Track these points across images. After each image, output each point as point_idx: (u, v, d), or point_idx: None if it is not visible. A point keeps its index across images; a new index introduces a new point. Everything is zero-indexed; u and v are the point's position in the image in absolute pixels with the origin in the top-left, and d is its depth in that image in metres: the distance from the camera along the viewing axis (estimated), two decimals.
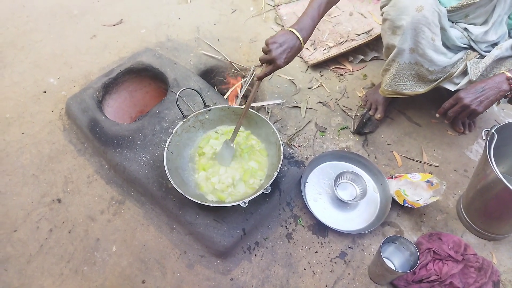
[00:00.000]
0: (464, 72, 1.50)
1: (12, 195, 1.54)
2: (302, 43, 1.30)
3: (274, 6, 2.41)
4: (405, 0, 1.37)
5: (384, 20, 1.47)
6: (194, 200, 1.28)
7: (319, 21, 1.37)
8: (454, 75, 1.51)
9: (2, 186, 1.56)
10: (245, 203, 1.27)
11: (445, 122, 1.40)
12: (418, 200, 1.46)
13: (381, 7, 1.48)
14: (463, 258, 1.39)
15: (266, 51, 1.30)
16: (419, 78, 1.57)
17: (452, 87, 1.55)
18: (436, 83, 1.55)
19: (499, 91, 1.29)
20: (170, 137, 1.42)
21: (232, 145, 1.45)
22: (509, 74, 1.29)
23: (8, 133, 1.72)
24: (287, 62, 1.32)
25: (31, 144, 1.69)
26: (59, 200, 1.53)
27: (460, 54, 1.51)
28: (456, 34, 1.48)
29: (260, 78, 1.35)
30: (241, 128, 1.54)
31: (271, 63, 1.31)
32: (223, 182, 1.44)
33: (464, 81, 1.50)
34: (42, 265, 1.38)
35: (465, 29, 1.47)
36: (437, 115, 1.40)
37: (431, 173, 1.62)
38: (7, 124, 1.75)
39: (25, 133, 1.72)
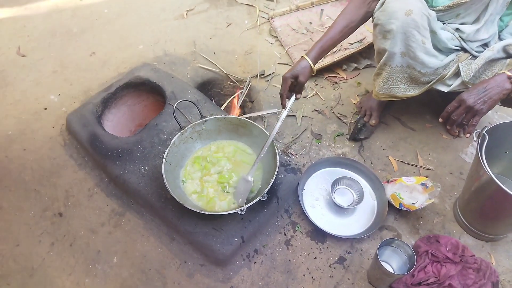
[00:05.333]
0: (457, 74, 1.53)
1: (14, 210, 1.57)
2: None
3: (268, 19, 2.46)
4: (394, 5, 1.41)
5: (375, 25, 1.50)
6: (192, 209, 1.31)
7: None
8: (446, 76, 1.54)
9: (4, 202, 1.59)
10: (242, 210, 1.30)
11: (447, 127, 1.41)
12: (414, 203, 1.47)
13: (372, 13, 1.52)
14: (461, 260, 1.39)
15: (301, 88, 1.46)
16: (412, 80, 1.59)
17: (445, 89, 1.58)
18: (429, 85, 1.58)
19: (502, 90, 1.31)
20: (168, 148, 1.45)
21: (250, 179, 1.42)
22: (509, 74, 1.31)
23: (10, 150, 1.75)
24: None
25: (33, 160, 1.72)
26: (60, 214, 1.56)
27: (451, 56, 1.54)
28: (447, 36, 1.51)
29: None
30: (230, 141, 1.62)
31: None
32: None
33: (456, 82, 1.53)
34: (45, 278, 1.40)
35: (457, 29, 1.50)
36: (440, 120, 1.40)
37: (426, 177, 1.64)
38: (9, 141, 1.79)
39: (27, 150, 1.76)
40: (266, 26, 2.45)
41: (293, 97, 1.46)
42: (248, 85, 2.05)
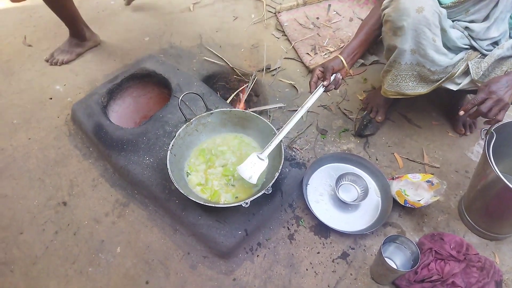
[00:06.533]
0: (466, 72, 1.52)
1: (18, 198, 1.57)
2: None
3: (275, 13, 2.45)
4: (406, 1, 1.40)
5: (386, 22, 1.49)
6: (197, 201, 1.30)
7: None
8: (456, 75, 1.52)
9: (9, 190, 1.59)
10: (246, 203, 1.29)
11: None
12: (419, 200, 1.47)
13: (382, 10, 1.51)
14: (465, 258, 1.39)
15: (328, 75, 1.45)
16: (421, 78, 1.58)
17: (454, 87, 1.56)
18: (438, 83, 1.57)
19: None
20: (173, 140, 1.44)
21: (264, 158, 1.38)
22: None
23: (15, 139, 1.76)
24: None
25: (38, 149, 1.72)
26: (64, 203, 1.56)
27: (461, 54, 1.53)
28: (456, 34, 1.50)
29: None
30: (235, 134, 1.61)
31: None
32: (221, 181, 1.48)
33: (466, 81, 1.52)
34: (48, 266, 1.41)
35: (466, 27, 1.49)
36: (462, 112, 1.34)
37: (432, 174, 1.63)
38: (14, 130, 1.79)
39: (32, 139, 1.76)
40: (273, 21, 2.44)
41: (321, 88, 1.45)
42: (254, 79, 2.04)
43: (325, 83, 1.43)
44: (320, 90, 1.44)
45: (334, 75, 1.47)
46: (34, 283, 1.37)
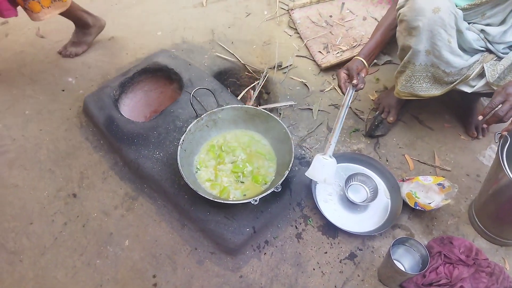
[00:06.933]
0: (481, 74, 1.50)
1: (29, 189, 1.59)
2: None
3: (288, 10, 2.43)
4: (422, 1, 1.38)
5: (400, 21, 1.48)
6: (205, 197, 1.31)
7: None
8: (471, 77, 1.50)
9: (19, 180, 1.61)
10: (255, 200, 1.29)
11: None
12: (429, 203, 1.45)
13: (397, 9, 1.49)
14: (474, 263, 1.37)
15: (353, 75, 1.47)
16: (435, 80, 1.56)
17: (468, 89, 1.54)
18: (452, 85, 1.55)
19: None
20: (183, 135, 1.45)
21: (328, 158, 1.41)
22: None
23: (27, 129, 1.77)
24: None
25: (49, 140, 1.74)
26: (74, 195, 1.57)
27: (476, 56, 1.50)
28: (472, 36, 1.48)
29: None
30: (246, 131, 1.62)
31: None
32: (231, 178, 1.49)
33: (480, 83, 1.50)
34: (56, 257, 1.42)
35: (482, 30, 1.47)
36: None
37: (443, 177, 1.61)
38: (26, 121, 1.80)
39: (43, 130, 1.77)
40: (286, 18, 2.42)
41: (352, 89, 1.47)
42: (265, 76, 2.03)
43: (355, 82, 1.45)
44: (351, 90, 1.46)
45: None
46: (42, 273, 1.38)
